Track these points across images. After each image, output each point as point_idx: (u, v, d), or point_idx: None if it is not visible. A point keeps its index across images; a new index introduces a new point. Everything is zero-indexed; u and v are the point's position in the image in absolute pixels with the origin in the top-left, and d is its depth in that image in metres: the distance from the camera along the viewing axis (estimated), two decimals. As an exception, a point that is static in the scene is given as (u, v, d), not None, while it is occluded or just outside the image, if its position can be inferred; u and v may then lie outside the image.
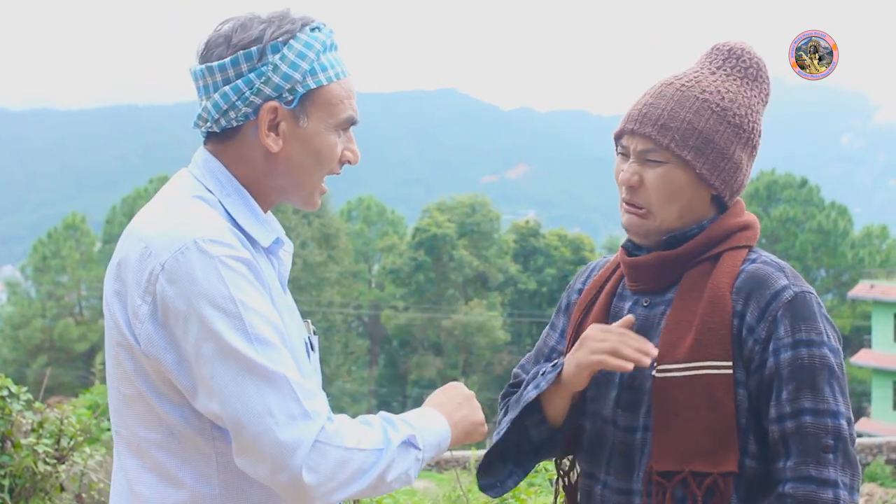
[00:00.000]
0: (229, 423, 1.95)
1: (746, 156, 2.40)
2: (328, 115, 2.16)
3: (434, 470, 23.11)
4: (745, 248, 2.39)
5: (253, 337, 1.96)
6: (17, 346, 47.85)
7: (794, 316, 2.24)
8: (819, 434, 2.18)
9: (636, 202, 2.39)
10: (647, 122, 2.36)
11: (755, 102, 2.41)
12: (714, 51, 2.47)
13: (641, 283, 2.44)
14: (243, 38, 2.10)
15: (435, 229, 50.17)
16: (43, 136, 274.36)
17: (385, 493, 2.06)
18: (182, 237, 2.00)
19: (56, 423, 5.81)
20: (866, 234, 57.67)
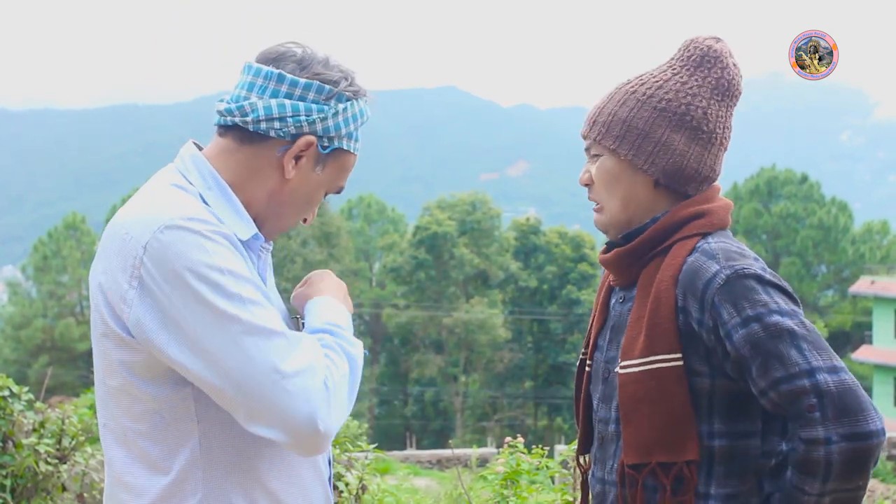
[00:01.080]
0: (234, 392, 1.99)
1: (685, 138, 2.43)
2: (335, 177, 2.29)
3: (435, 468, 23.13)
4: (696, 236, 2.40)
5: (245, 300, 2.02)
6: (19, 346, 47.84)
7: (732, 297, 2.25)
8: (799, 398, 2.17)
9: (593, 198, 2.53)
10: (586, 122, 2.53)
11: (694, 86, 2.46)
12: (680, 46, 2.56)
13: (616, 280, 2.55)
14: (323, 74, 2.21)
15: (435, 227, 50.14)
16: (43, 136, 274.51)
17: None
18: (160, 218, 2.04)
19: (57, 423, 5.81)
20: (867, 230, 57.65)
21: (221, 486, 2.11)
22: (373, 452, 5.57)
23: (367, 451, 5.57)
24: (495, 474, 5.74)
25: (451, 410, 49.78)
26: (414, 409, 50.63)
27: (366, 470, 5.47)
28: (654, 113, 2.43)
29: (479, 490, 6.50)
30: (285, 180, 2.22)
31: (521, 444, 5.84)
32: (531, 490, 5.61)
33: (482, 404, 50.41)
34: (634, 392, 2.34)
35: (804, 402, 2.17)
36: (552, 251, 51.90)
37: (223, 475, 2.11)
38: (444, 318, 48.88)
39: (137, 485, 2.12)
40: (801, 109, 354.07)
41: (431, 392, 50.42)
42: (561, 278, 51.06)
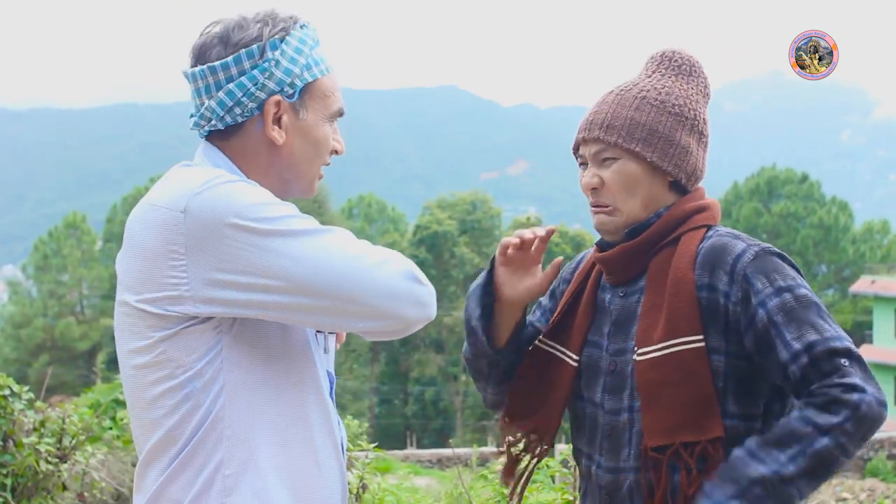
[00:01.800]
0: (331, 301, 2.05)
1: (694, 141, 2.55)
2: (323, 106, 2.26)
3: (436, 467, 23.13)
4: (703, 227, 2.52)
5: (295, 216, 2.06)
6: (19, 345, 47.87)
7: (764, 270, 2.37)
8: (833, 357, 2.26)
9: (602, 202, 2.55)
10: (594, 127, 2.55)
11: (693, 94, 2.59)
12: (649, 60, 2.66)
13: (614, 276, 2.59)
14: (243, 38, 2.18)
15: (436, 226, 50.18)
16: (43, 135, 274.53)
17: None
18: (189, 185, 2.07)
19: (58, 423, 5.81)
20: (867, 230, 57.66)
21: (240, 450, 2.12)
22: (373, 452, 5.57)
23: (367, 451, 5.57)
24: (496, 473, 5.74)
25: (451, 410, 49.79)
26: (414, 409, 50.63)
27: (366, 469, 5.48)
28: (671, 118, 2.53)
29: (480, 489, 6.49)
30: (280, 146, 2.22)
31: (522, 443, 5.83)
32: (532, 489, 5.60)
33: (482, 404, 50.40)
34: (655, 377, 2.40)
35: (838, 360, 2.26)
36: (552, 250, 51.85)
37: (243, 440, 2.12)
38: (445, 317, 48.88)
39: (161, 461, 2.14)
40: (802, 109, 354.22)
41: (432, 391, 50.43)
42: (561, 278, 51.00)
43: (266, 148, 2.23)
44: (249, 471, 2.13)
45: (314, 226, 2.06)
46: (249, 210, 2.02)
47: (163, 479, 2.13)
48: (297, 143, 2.24)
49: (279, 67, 2.18)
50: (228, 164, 2.22)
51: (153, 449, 2.16)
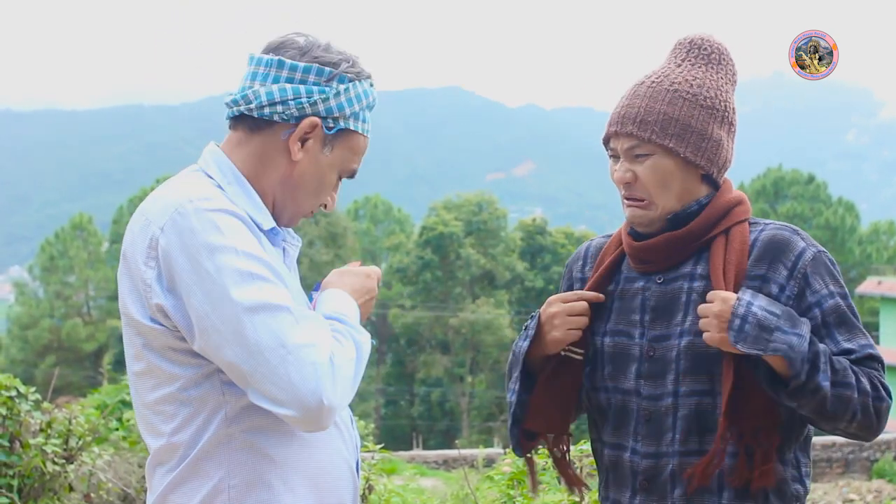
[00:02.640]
0: (242, 366, 2.04)
1: (725, 133, 2.59)
2: (345, 158, 2.32)
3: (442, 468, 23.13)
4: (744, 221, 2.59)
5: (254, 276, 2.06)
6: (26, 346, 47.87)
7: (822, 272, 2.50)
8: (871, 360, 2.48)
9: (636, 195, 2.57)
10: (626, 121, 2.56)
11: (723, 83, 2.61)
12: (677, 46, 2.67)
13: (651, 264, 2.61)
14: (322, 57, 2.26)
15: (442, 228, 50.12)
16: (48, 137, 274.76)
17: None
18: (177, 201, 2.11)
19: (64, 423, 5.81)
20: (874, 231, 57.54)
21: (245, 462, 2.14)
22: (379, 453, 5.58)
23: (373, 452, 5.58)
24: (502, 474, 5.74)
25: (457, 411, 49.75)
26: (420, 410, 50.60)
27: (372, 470, 5.48)
28: (704, 112, 2.55)
29: (486, 490, 6.48)
30: (294, 163, 2.26)
31: (527, 444, 5.82)
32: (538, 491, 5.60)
33: (488, 405, 50.35)
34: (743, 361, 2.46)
35: (875, 363, 2.48)
36: (558, 251, 51.85)
37: (247, 452, 2.15)
38: (451, 318, 48.86)
39: (165, 466, 2.19)
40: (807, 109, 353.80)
41: (438, 392, 50.39)
42: (567, 279, 50.92)
43: (281, 158, 2.26)
44: (257, 482, 2.15)
45: (269, 298, 2.04)
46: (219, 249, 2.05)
47: (168, 483, 2.17)
48: (308, 171, 2.28)
49: (337, 98, 2.24)
50: (231, 167, 2.26)
51: (157, 453, 2.21)
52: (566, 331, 2.60)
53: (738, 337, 2.38)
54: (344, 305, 2.27)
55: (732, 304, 2.40)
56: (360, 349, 2.16)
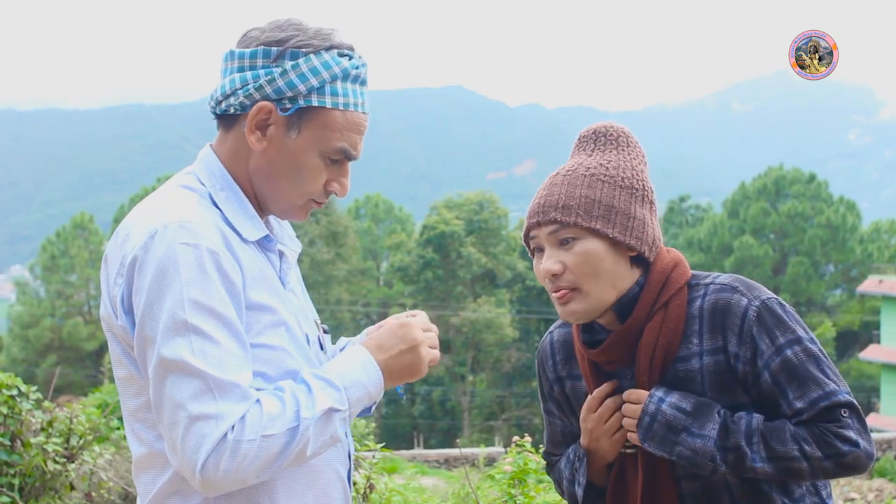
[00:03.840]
0: (154, 410, 2.03)
1: (648, 211, 2.53)
2: (321, 137, 2.17)
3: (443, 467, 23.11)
4: (683, 286, 2.51)
5: (189, 329, 1.99)
6: (27, 345, 47.88)
7: (767, 327, 2.41)
8: (836, 409, 2.38)
9: (563, 286, 2.49)
10: (549, 209, 2.50)
11: (636, 163, 2.56)
12: (581, 139, 2.64)
13: (616, 363, 2.56)
14: (270, 37, 2.16)
15: (443, 226, 50.10)
16: (50, 136, 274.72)
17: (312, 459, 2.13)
18: (154, 222, 2.06)
19: (65, 423, 5.82)
20: (875, 229, 57.48)
21: None
22: (380, 452, 5.57)
23: (374, 451, 5.57)
24: (503, 473, 5.74)
25: (458, 410, 49.76)
26: (421, 409, 50.61)
27: (373, 469, 5.47)
28: (625, 192, 2.49)
29: (487, 489, 6.48)
30: (260, 154, 2.18)
31: (528, 443, 5.83)
32: (539, 489, 5.60)
33: (490, 403, 50.36)
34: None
35: (839, 411, 2.37)
36: (559, 250, 51.80)
37: None
38: (452, 317, 48.85)
39: (149, 473, 2.16)
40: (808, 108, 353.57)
41: (439, 391, 50.39)
42: (568, 277, 50.92)
43: (247, 151, 2.19)
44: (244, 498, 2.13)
45: (195, 361, 1.98)
46: (175, 296, 2.00)
47: (157, 491, 2.15)
48: (277, 160, 2.18)
49: (284, 77, 2.12)
50: (222, 170, 2.21)
51: (141, 460, 2.18)
52: (610, 438, 2.56)
53: (646, 436, 2.43)
54: (343, 367, 2.14)
55: (644, 401, 2.44)
56: (296, 429, 2.01)
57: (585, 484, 2.63)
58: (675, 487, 2.50)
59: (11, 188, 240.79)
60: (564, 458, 2.72)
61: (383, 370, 2.19)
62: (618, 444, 2.56)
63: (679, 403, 2.40)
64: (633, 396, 2.48)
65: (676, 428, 2.39)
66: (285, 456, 2.01)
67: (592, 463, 2.62)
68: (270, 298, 2.15)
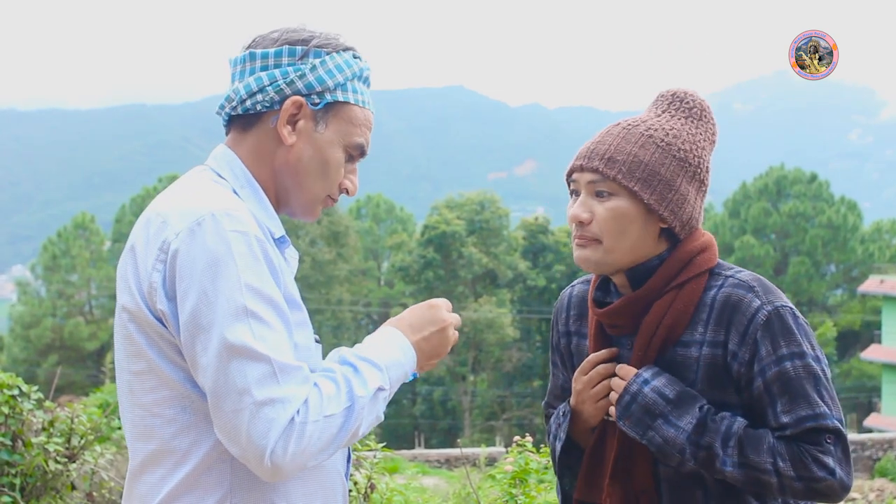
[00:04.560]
0: (210, 399, 2.00)
1: (694, 189, 2.50)
2: (345, 132, 2.24)
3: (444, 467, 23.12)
4: (705, 272, 2.49)
5: (249, 314, 2.00)
6: (28, 345, 47.92)
7: (772, 333, 2.37)
8: (821, 434, 2.34)
9: (587, 235, 2.49)
10: (594, 157, 2.47)
11: (700, 139, 2.52)
12: (659, 97, 2.60)
13: (619, 328, 2.54)
14: (292, 36, 2.22)
15: (444, 226, 50.10)
16: (51, 136, 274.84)
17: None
18: (199, 210, 2.06)
19: (67, 422, 5.82)
20: (876, 229, 57.49)
21: (247, 478, 2.11)
22: (381, 451, 5.57)
23: (375, 451, 5.57)
24: (504, 473, 5.75)
25: (459, 409, 49.76)
26: (422, 409, 50.61)
27: (374, 469, 5.48)
28: (675, 162, 2.46)
29: (488, 489, 6.49)
30: (290, 148, 2.22)
31: (529, 443, 5.84)
32: (540, 489, 5.61)
33: (491, 403, 50.37)
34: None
35: (824, 436, 2.33)
36: (561, 250, 51.84)
37: (250, 473, 2.10)
38: (453, 317, 48.82)
39: (156, 473, 2.13)
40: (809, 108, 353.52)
41: (440, 391, 50.39)
42: (569, 277, 50.95)
43: (275, 147, 2.22)
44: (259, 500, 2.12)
45: (255, 345, 1.98)
46: (227, 279, 2.00)
47: (168, 492, 2.11)
48: (307, 153, 2.22)
49: (314, 73, 2.19)
50: (243, 168, 2.23)
51: (149, 458, 2.15)
52: (594, 405, 2.55)
53: (623, 414, 2.43)
54: (381, 348, 2.17)
55: (629, 379, 2.43)
56: (352, 407, 2.05)
57: (565, 440, 2.62)
58: (652, 468, 2.48)
59: (12, 188, 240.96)
60: (555, 414, 2.72)
61: (416, 351, 2.24)
62: (601, 410, 2.54)
63: (662, 389, 2.39)
64: (623, 372, 2.47)
65: (654, 413, 2.37)
66: (343, 436, 2.04)
67: (577, 423, 2.61)
68: (297, 295, 2.19)
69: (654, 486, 2.47)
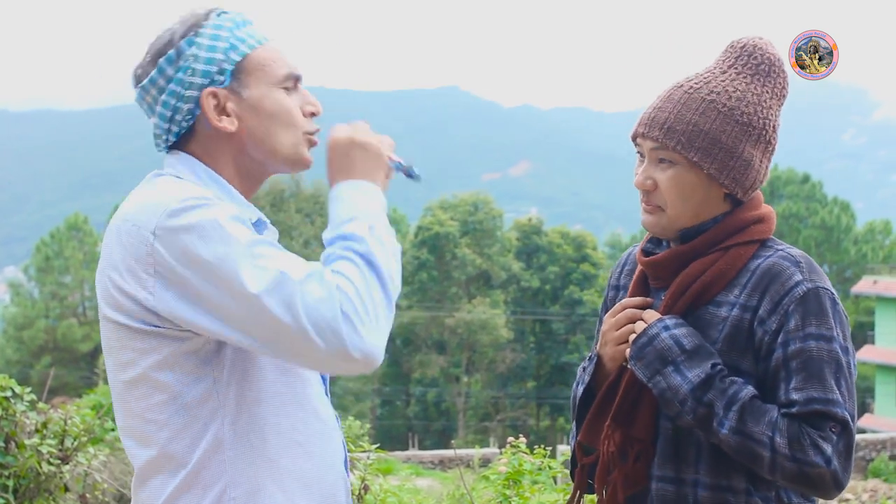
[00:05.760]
0: (263, 330, 1.96)
1: (759, 152, 2.49)
2: (265, 76, 2.21)
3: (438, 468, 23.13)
4: (756, 242, 2.48)
5: (252, 256, 1.98)
6: (21, 346, 47.87)
7: (805, 311, 2.35)
8: (826, 420, 2.30)
9: (653, 202, 2.49)
10: (654, 125, 2.46)
11: (766, 98, 2.50)
12: (728, 48, 2.56)
13: (661, 280, 2.55)
14: (159, 48, 2.19)
15: (437, 228, 50.14)
16: (44, 137, 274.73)
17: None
18: (164, 203, 2.05)
19: (60, 424, 5.81)
20: (869, 230, 57.61)
21: (244, 471, 2.10)
22: (375, 453, 5.57)
23: (368, 452, 5.57)
24: (498, 474, 5.74)
25: (453, 411, 49.78)
26: (416, 410, 50.62)
27: (368, 470, 5.47)
28: (738, 128, 2.45)
29: (482, 490, 6.49)
30: (237, 133, 2.20)
31: (523, 444, 5.84)
32: (533, 490, 5.61)
33: (484, 405, 50.39)
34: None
35: (829, 424, 2.29)
36: (554, 251, 51.89)
37: (246, 461, 2.10)
38: (447, 318, 48.86)
39: (157, 478, 2.12)
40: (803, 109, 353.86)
41: (434, 392, 50.41)
42: (563, 278, 51.04)
43: (224, 141, 2.21)
44: (257, 494, 2.11)
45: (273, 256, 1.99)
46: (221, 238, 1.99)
47: (168, 495, 2.11)
48: (253, 123, 2.20)
49: (199, 61, 2.16)
50: (205, 169, 2.21)
51: (149, 465, 2.14)
52: (615, 347, 2.54)
53: (637, 354, 2.42)
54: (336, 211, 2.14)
55: (651, 321, 2.43)
56: (377, 270, 2.03)
57: (587, 383, 2.60)
58: (654, 420, 2.47)
59: (6, 189, 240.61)
60: (584, 360, 2.71)
61: (360, 177, 2.20)
62: (620, 354, 2.52)
63: (680, 338, 2.38)
64: (648, 316, 2.47)
65: (666, 359, 2.36)
66: (388, 291, 2.03)
67: (601, 368, 2.59)
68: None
69: (651, 438, 2.46)
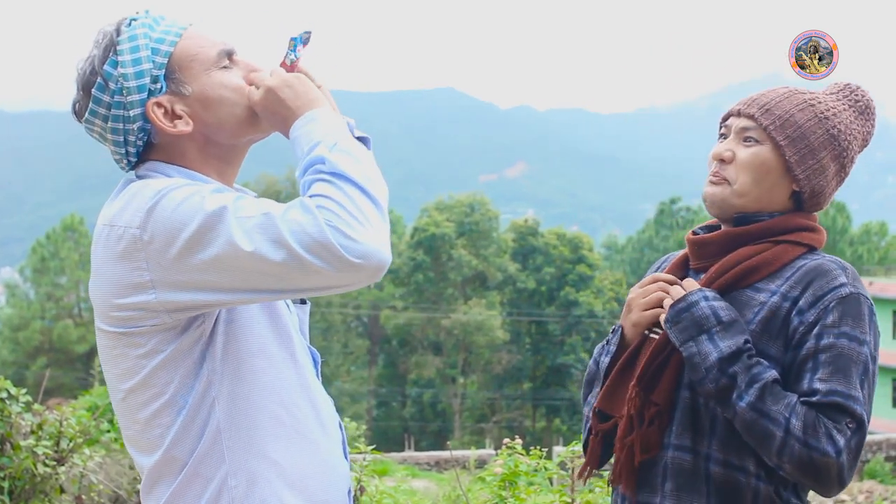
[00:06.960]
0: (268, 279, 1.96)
1: (834, 168, 2.59)
2: (198, 65, 2.18)
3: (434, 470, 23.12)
4: (805, 245, 2.55)
5: (233, 202, 1.98)
6: (17, 347, 47.81)
7: (844, 310, 2.41)
8: (843, 414, 2.34)
9: (721, 174, 2.56)
10: (753, 105, 2.57)
11: (855, 130, 2.63)
12: (833, 84, 2.70)
13: (706, 260, 2.59)
14: (86, 80, 2.16)
15: (433, 229, 50.14)
16: (41, 138, 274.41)
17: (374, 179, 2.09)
18: (142, 200, 2.04)
19: (55, 425, 5.80)
20: (865, 231, 57.68)
21: (242, 459, 2.11)
22: (371, 454, 5.57)
23: (365, 453, 5.57)
24: (494, 476, 5.74)
25: (449, 412, 49.78)
26: (412, 411, 50.61)
27: (364, 471, 5.48)
28: (826, 136, 2.56)
29: (478, 491, 6.49)
30: (195, 131, 2.18)
31: (519, 445, 5.84)
32: (529, 491, 5.60)
33: (480, 406, 50.39)
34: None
35: (846, 419, 2.33)
36: (550, 252, 51.90)
37: (244, 449, 2.11)
38: (443, 319, 48.87)
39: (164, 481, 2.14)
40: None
41: (430, 393, 50.40)
42: (559, 280, 51.05)
43: (185, 140, 2.19)
44: (256, 481, 2.12)
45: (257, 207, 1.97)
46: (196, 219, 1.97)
47: (169, 495, 2.13)
48: (205, 115, 2.18)
49: (129, 78, 2.13)
50: (174, 167, 2.20)
51: (156, 469, 2.15)
52: (640, 312, 2.56)
53: (674, 318, 2.45)
54: (299, 144, 2.12)
55: (692, 289, 2.47)
56: (357, 183, 2.00)
57: (612, 352, 2.62)
58: (675, 389, 2.48)
59: (2, 190, 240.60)
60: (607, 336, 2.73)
61: (304, 103, 2.16)
62: (645, 319, 2.55)
63: (718, 310, 2.41)
64: (687, 284, 2.51)
65: (702, 327, 2.40)
66: (363, 185, 2.00)
67: (622, 339, 2.62)
68: None
69: (668, 406, 2.48)
